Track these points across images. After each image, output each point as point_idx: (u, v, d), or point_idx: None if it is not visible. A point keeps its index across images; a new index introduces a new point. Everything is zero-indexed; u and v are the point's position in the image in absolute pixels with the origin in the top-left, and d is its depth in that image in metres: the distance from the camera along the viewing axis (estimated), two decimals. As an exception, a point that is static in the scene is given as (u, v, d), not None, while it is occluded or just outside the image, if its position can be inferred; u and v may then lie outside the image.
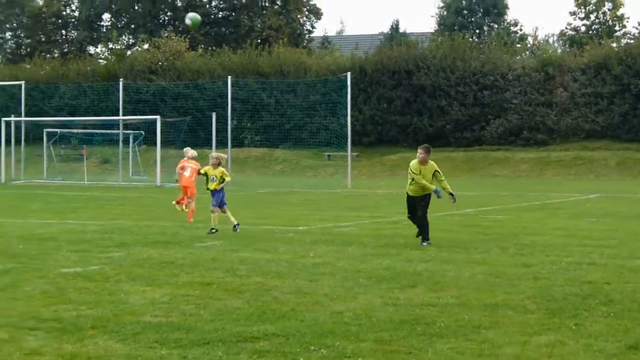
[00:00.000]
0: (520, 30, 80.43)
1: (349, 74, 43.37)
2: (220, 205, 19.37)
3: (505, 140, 56.14)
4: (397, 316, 9.89)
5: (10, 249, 16.09)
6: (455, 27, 72.37)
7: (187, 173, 23.80)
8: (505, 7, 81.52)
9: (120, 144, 48.21)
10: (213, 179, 19.37)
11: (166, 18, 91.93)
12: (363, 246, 16.62)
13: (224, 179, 19.45)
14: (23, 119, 49.90)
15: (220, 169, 19.56)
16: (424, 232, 17.10)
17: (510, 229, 20.52)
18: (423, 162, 17.20)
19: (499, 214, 25.49)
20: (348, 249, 16.16)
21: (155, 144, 42.59)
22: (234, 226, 19.27)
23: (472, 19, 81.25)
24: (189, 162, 24.12)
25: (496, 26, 79.61)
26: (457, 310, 10.28)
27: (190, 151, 24.56)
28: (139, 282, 12.20)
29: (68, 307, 10.38)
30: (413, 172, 17.15)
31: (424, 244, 16.82)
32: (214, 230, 18.83)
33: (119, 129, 48.48)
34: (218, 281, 12.33)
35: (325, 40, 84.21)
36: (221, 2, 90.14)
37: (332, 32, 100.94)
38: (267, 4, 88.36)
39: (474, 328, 9.27)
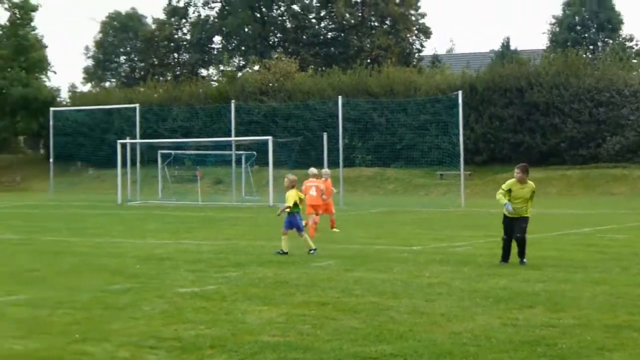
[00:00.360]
0: (636, 45, 78.77)
1: (460, 92, 42.97)
2: (288, 228, 18.96)
3: (622, 157, 54.76)
4: (517, 337, 9.73)
5: (129, 269, 16.35)
6: (568, 44, 71.26)
7: (312, 192, 24.28)
8: (620, 22, 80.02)
9: (233, 164, 48.61)
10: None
11: (276, 39, 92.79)
12: (478, 266, 16.40)
13: (300, 201, 19.21)
14: (138, 141, 50.82)
15: (288, 192, 19.27)
16: (522, 251, 16.74)
17: (630, 248, 19.98)
18: (520, 181, 16.90)
19: (617, 232, 24.85)
20: (463, 268, 15.95)
21: (267, 164, 42.86)
22: (280, 251, 18.70)
23: (586, 35, 79.98)
24: (312, 182, 24.63)
25: (611, 42, 78.14)
26: (579, 331, 10.05)
27: (313, 170, 25.29)
28: (255, 302, 12.25)
29: (187, 326, 10.49)
30: (502, 187, 16.97)
31: (524, 261, 16.53)
32: (312, 251, 18.70)
33: (231, 150, 48.94)
34: (334, 301, 12.31)
35: (435, 59, 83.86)
36: (330, 23, 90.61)
37: (442, 51, 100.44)
38: (376, 24, 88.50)
39: (597, 350, 9.05)
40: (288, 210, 18.99)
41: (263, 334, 10.01)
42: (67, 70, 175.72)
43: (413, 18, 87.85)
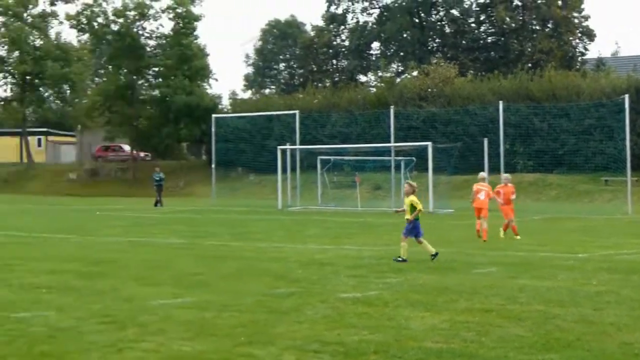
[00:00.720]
0: None
1: (626, 96, 41.73)
2: (416, 235, 18.60)
3: None
4: (694, 349, 9.34)
5: (291, 273, 16.47)
6: None
7: (481, 196, 24.32)
8: None
9: (392, 170, 48.49)
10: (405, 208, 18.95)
11: (435, 45, 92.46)
12: (649, 275, 15.87)
13: (415, 208, 18.62)
14: (298, 147, 51.25)
15: (411, 197, 18.75)
16: None
17: None
18: None
19: None
20: (633, 277, 15.47)
21: (425, 170, 42.61)
22: (432, 255, 18.34)
23: None
24: (482, 185, 24.65)
25: None
26: None
27: (483, 174, 25.54)
28: (417, 308, 12.16)
29: (350, 331, 10.48)
30: None
31: None
32: (399, 259, 18.25)
33: (390, 156, 48.84)
34: (498, 308, 12.11)
35: (600, 62, 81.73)
36: (490, 27, 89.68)
37: (606, 54, 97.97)
38: (537, 27, 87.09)
39: None
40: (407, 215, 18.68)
41: (426, 341, 9.93)
42: (228, 77, 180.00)
43: (576, 21, 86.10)
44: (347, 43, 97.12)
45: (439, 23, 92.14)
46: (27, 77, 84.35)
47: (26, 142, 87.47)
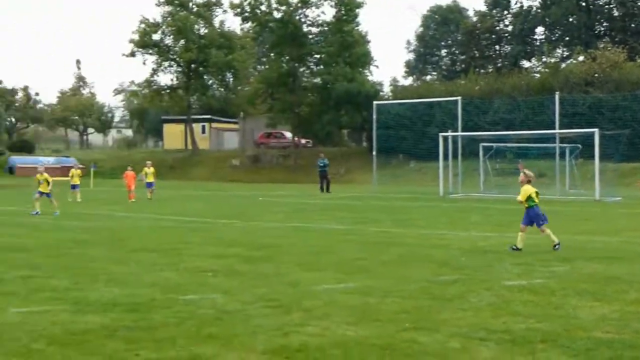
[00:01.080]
0: None
1: None
2: (537, 224, 18.16)
3: None
4: None
5: (454, 260, 16.32)
6: None
7: None
8: None
9: (557, 157, 47.51)
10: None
11: (602, 29, 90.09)
12: None
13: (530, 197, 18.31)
14: (460, 133, 50.68)
15: (524, 187, 18.47)
16: None
17: None
18: None
19: None
20: None
21: (591, 157, 41.55)
22: (554, 245, 17.84)
23: None
24: None
25: None
26: None
27: None
28: (585, 297, 11.85)
29: (516, 319, 10.29)
30: None
31: None
32: (514, 248, 17.83)
33: (554, 143, 47.83)
34: (674, 299, 11.69)
35: None
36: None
37: None
38: None
39: None
40: (526, 205, 18.19)
41: (596, 331, 9.66)
42: (389, 64, 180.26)
43: None
44: (510, 28, 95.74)
45: (606, 6, 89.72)
46: (192, 65, 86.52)
47: (191, 129, 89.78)
